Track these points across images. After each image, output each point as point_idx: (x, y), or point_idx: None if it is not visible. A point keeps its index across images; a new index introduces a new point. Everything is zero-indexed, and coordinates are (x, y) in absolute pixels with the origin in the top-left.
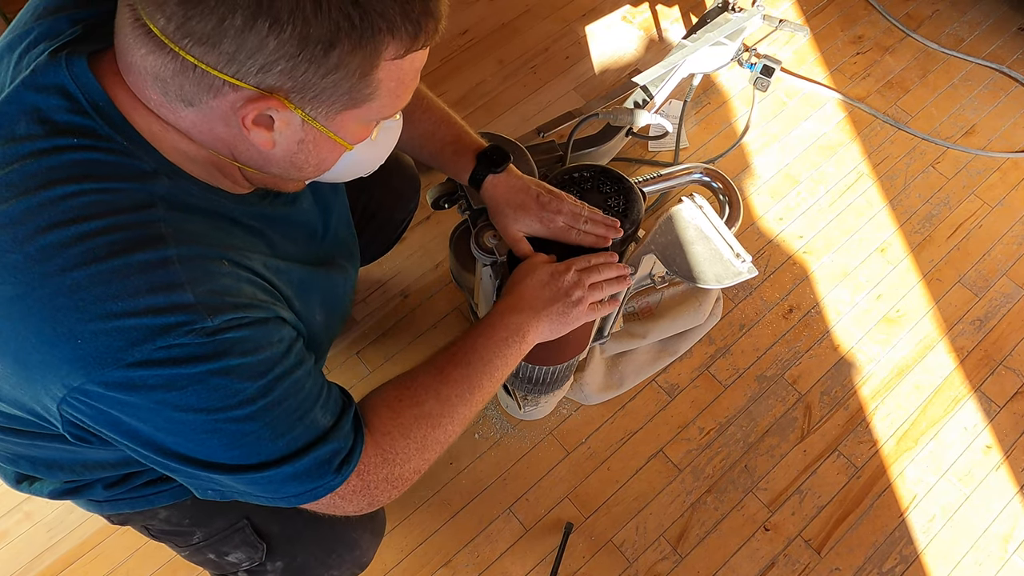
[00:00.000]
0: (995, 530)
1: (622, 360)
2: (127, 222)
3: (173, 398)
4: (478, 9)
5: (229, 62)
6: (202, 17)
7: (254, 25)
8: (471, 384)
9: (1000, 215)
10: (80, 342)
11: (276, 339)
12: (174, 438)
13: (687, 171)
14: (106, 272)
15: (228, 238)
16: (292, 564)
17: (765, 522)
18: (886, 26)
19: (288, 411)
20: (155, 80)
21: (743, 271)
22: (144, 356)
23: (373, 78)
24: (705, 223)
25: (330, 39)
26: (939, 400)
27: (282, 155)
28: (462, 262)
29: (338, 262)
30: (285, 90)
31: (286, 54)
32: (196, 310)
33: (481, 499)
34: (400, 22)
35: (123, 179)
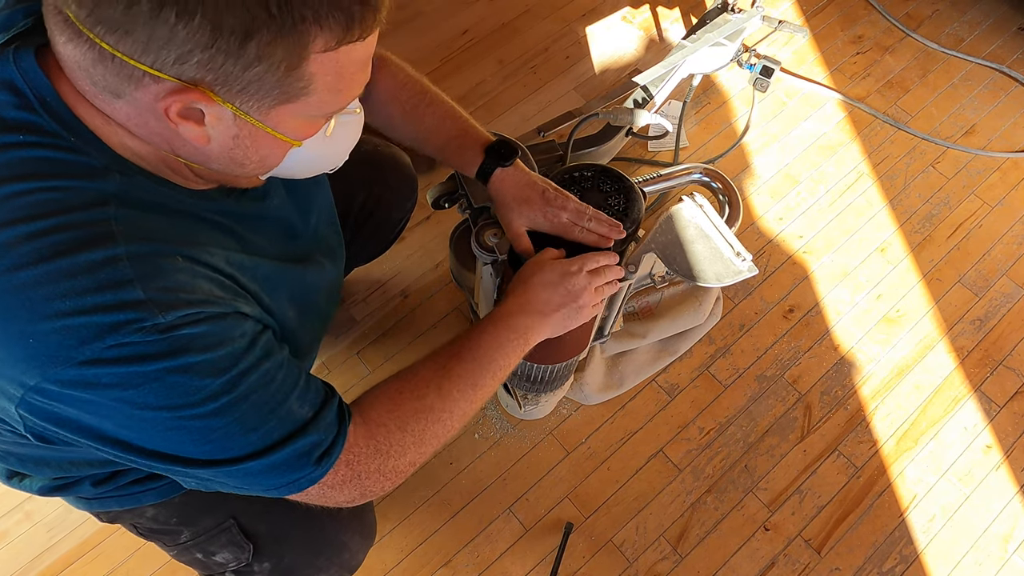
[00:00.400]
0: (995, 530)
1: (622, 360)
2: (76, 221)
3: (130, 396)
4: (478, 9)
5: (144, 51)
6: (110, 3)
7: (160, 12)
8: (473, 381)
9: (1000, 215)
10: (32, 341)
11: (237, 334)
12: (139, 435)
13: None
14: (54, 272)
15: (187, 234)
16: (279, 565)
17: (765, 522)
18: (886, 26)
19: (258, 404)
20: (79, 70)
21: (743, 269)
22: (95, 354)
23: (303, 71)
24: (705, 222)
25: (245, 29)
26: (939, 400)
27: (219, 150)
28: (462, 261)
29: (316, 258)
30: (207, 82)
31: (199, 44)
32: (146, 306)
33: (481, 499)
34: (327, 11)
35: (72, 176)
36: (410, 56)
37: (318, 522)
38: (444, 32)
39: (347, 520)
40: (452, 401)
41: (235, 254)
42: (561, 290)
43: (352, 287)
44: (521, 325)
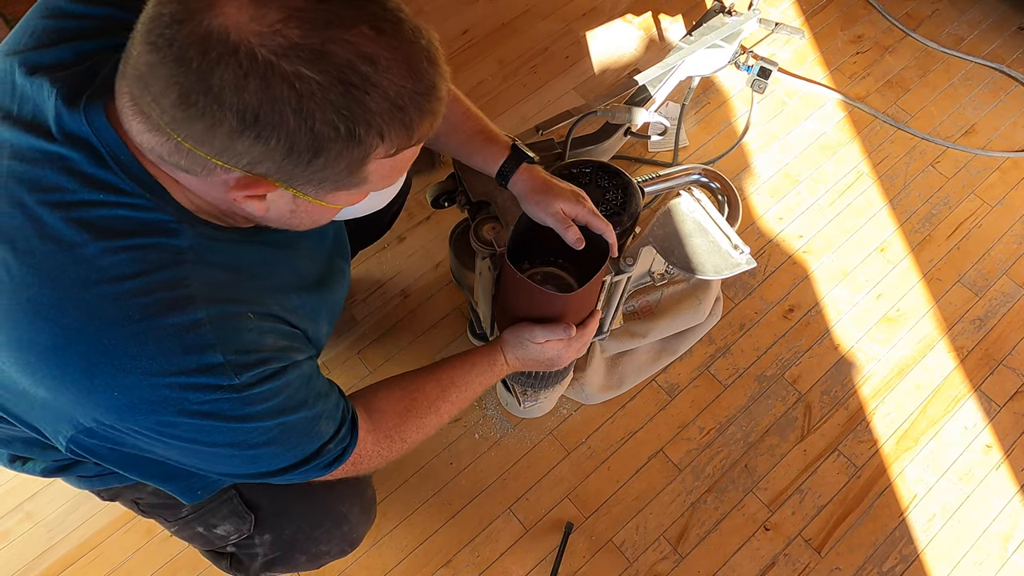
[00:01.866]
0: (995, 529)
1: (622, 360)
2: (158, 282)
3: (202, 438)
4: (478, 9)
5: (220, 154)
6: (193, 121)
7: (241, 134)
8: (460, 407)
9: (1000, 214)
10: (115, 394)
11: (294, 377)
12: (195, 461)
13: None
14: (141, 333)
15: (250, 284)
16: (280, 537)
17: (765, 522)
18: (886, 25)
19: (298, 431)
20: (151, 151)
21: (741, 262)
22: (176, 408)
23: (363, 171)
24: (703, 216)
25: (316, 147)
26: (939, 399)
27: (276, 217)
28: (462, 261)
29: (338, 265)
30: (275, 178)
31: (273, 158)
32: (224, 370)
33: (481, 499)
34: (391, 127)
35: (150, 234)
36: None
37: (318, 494)
38: (444, 32)
39: (346, 492)
40: (443, 421)
41: (286, 297)
42: (545, 363)
43: (352, 287)
44: (507, 371)
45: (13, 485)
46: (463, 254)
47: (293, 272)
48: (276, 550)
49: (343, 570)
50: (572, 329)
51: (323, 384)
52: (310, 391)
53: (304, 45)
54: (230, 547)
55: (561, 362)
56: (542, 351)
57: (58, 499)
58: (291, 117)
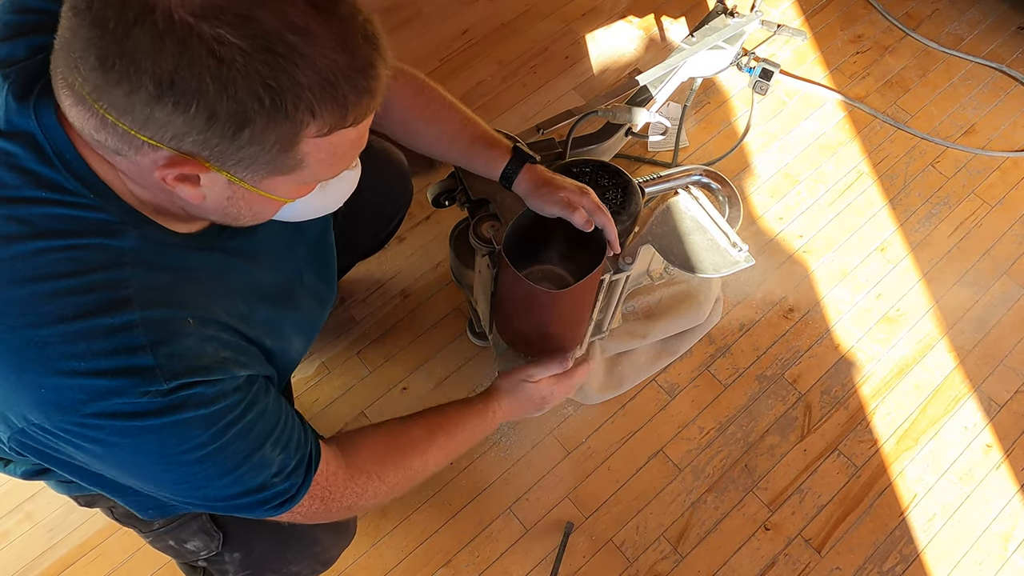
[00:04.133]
0: (995, 529)
1: (622, 360)
2: (96, 283)
3: (126, 443)
4: (478, 9)
5: (143, 127)
6: (112, 86)
7: (159, 101)
8: (450, 455)
9: (1000, 214)
10: (43, 391)
11: (231, 388)
12: (124, 471)
13: (687, 172)
14: (72, 333)
15: (194, 290)
16: (249, 556)
17: (765, 521)
18: (886, 25)
19: (237, 451)
20: (83, 128)
21: (740, 260)
22: (101, 409)
23: (296, 151)
24: (701, 214)
25: (240, 118)
26: (939, 399)
27: (214, 207)
28: (462, 259)
29: (309, 281)
30: (203, 156)
31: (195, 128)
32: (154, 374)
33: (481, 499)
34: (320, 103)
35: (91, 234)
36: (410, 56)
37: None
38: (444, 32)
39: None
40: (430, 467)
41: (236, 303)
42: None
43: (352, 287)
44: (498, 422)
45: (13, 485)
46: (463, 253)
47: (249, 281)
48: (246, 568)
49: (343, 570)
50: (568, 362)
51: (278, 410)
52: (252, 408)
53: (229, 8)
54: (201, 562)
55: (552, 400)
56: (536, 390)
57: (58, 499)
58: (210, 83)
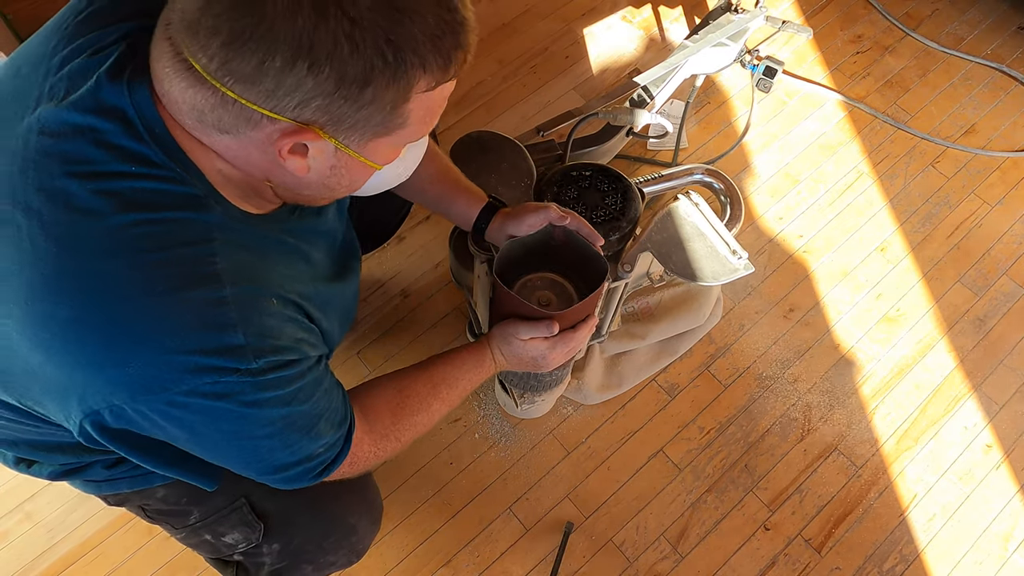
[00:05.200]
0: (995, 529)
1: (622, 360)
2: (185, 256)
3: (207, 422)
4: (478, 9)
5: (268, 98)
6: (244, 58)
7: (294, 67)
8: (451, 405)
9: (1000, 214)
10: (130, 368)
11: (305, 370)
12: (194, 446)
13: (688, 171)
14: (162, 306)
15: (272, 271)
16: (288, 547)
17: (765, 521)
18: (886, 25)
19: (300, 427)
20: (192, 110)
21: (739, 268)
22: (190, 388)
23: (405, 109)
24: (701, 220)
25: (365, 77)
26: (939, 399)
27: (316, 179)
28: (461, 261)
29: (351, 265)
30: (321, 123)
31: (323, 92)
32: (243, 353)
33: (481, 499)
34: (432, 57)
35: (179, 208)
36: None
37: (328, 504)
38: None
39: (356, 503)
40: (435, 418)
41: (304, 285)
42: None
43: None
44: (496, 369)
45: (13, 485)
46: (463, 254)
47: (309, 263)
48: (283, 559)
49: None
50: (554, 327)
51: (331, 384)
52: (319, 388)
53: None
54: (236, 556)
55: (547, 363)
56: (525, 349)
57: (58, 499)
58: (344, 43)
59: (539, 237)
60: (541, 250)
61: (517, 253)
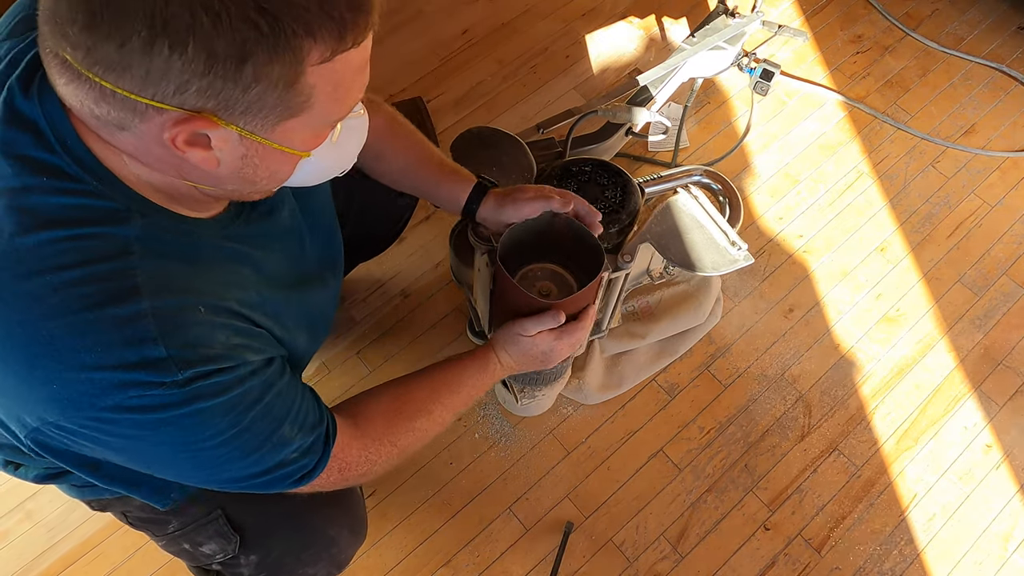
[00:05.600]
0: (995, 529)
1: (622, 360)
2: (102, 272)
3: (145, 435)
4: (478, 9)
5: (143, 85)
6: (104, 42)
7: (153, 46)
8: (455, 410)
9: (1000, 214)
10: (55, 386)
11: (246, 374)
12: (143, 462)
13: (688, 172)
14: (80, 324)
15: (205, 278)
16: (267, 559)
17: (765, 521)
18: (886, 25)
19: (256, 433)
20: (83, 108)
21: (739, 258)
22: (116, 403)
23: (302, 85)
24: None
25: (239, 52)
26: (939, 399)
27: (229, 172)
28: (462, 259)
29: (321, 274)
30: (210, 108)
31: (195, 72)
32: (166, 365)
33: (481, 499)
34: (319, 22)
35: (95, 223)
36: (410, 56)
37: (306, 516)
38: (444, 32)
39: (336, 515)
40: (437, 425)
41: (246, 292)
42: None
43: (352, 287)
44: (502, 373)
45: (13, 485)
46: (463, 252)
47: (258, 270)
48: (262, 571)
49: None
50: (561, 316)
51: (289, 388)
52: (269, 390)
53: None
54: (216, 565)
55: (555, 356)
56: (534, 344)
57: (58, 499)
58: (203, 15)
59: (540, 224)
60: (540, 238)
61: (518, 239)
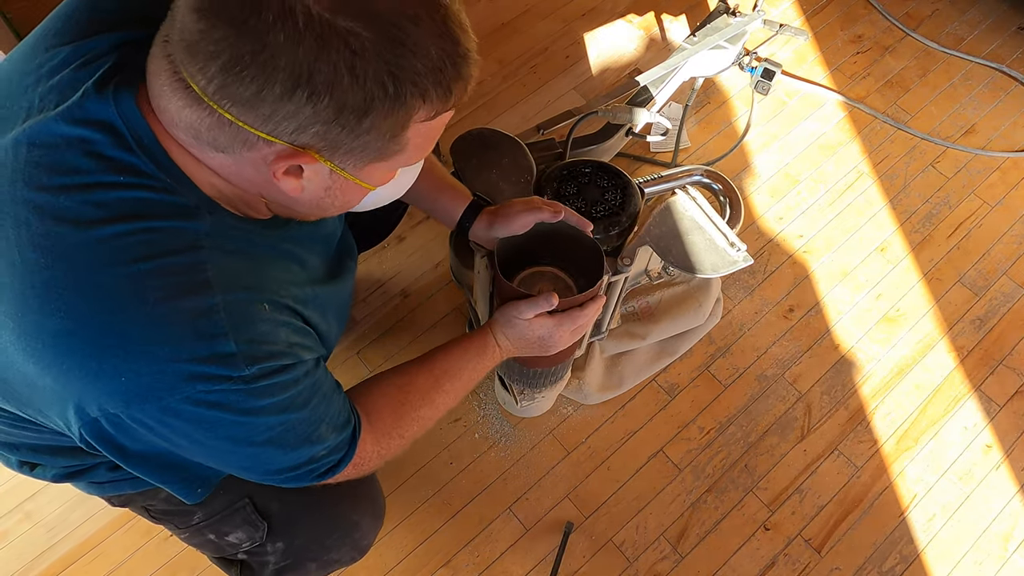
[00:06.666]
0: (995, 529)
1: (621, 360)
2: (175, 265)
3: (203, 430)
4: (478, 9)
5: (265, 122)
6: (242, 84)
7: (293, 95)
8: (457, 396)
9: (1000, 214)
10: (124, 379)
11: (301, 375)
12: (192, 451)
13: (688, 172)
14: (153, 317)
15: (266, 275)
16: (292, 546)
17: (765, 521)
18: (886, 25)
19: (299, 432)
20: (188, 128)
21: (738, 259)
22: (184, 396)
23: (403, 137)
24: (699, 214)
25: (365, 107)
26: (939, 399)
27: (309, 199)
28: (462, 259)
29: (346, 265)
30: (318, 148)
31: (322, 120)
32: (236, 361)
33: (481, 499)
34: (432, 89)
35: (168, 217)
36: None
37: (331, 502)
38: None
39: (359, 499)
40: (440, 412)
41: (300, 288)
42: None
43: None
44: (501, 356)
45: (13, 485)
46: (463, 253)
47: (305, 266)
48: (287, 558)
49: (343, 570)
50: (553, 298)
51: (330, 388)
52: (316, 392)
53: (353, 3)
54: (240, 555)
55: (554, 343)
56: (531, 328)
57: (58, 499)
58: (345, 74)
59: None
60: (540, 242)
61: (518, 242)
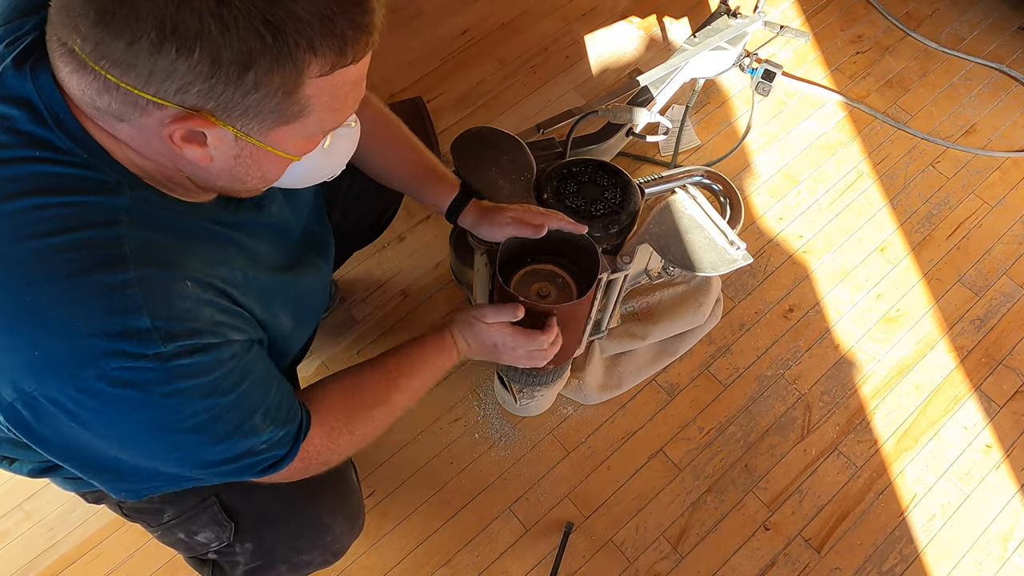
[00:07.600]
0: (995, 529)
1: (621, 360)
2: (90, 239)
3: (121, 413)
4: (478, 9)
5: (147, 82)
6: (113, 39)
7: (161, 48)
8: (414, 395)
9: (1000, 214)
10: (37, 353)
11: (227, 356)
12: (114, 442)
13: (688, 173)
14: (65, 291)
15: (191, 253)
16: (261, 546)
17: (765, 521)
18: (886, 25)
19: (229, 421)
20: (84, 96)
21: (738, 258)
22: (98, 372)
23: (300, 95)
24: (699, 212)
25: (243, 60)
26: (939, 399)
27: (221, 169)
28: (462, 258)
29: (310, 260)
30: (209, 108)
31: (199, 75)
32: (151, 336)
33: (481, 499)
34: (321, 39)
35: (86, 192)
36: (410, 56)
37: (301, 504)
38: (444, 32)
39: (331, 503)
40: (396, 411)
41: (233, 271)
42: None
43: (352, 287)
44: (459, 356)
45: (13, 485)
46: (463, 252)
47: (246, 252)
48: (257, 559)
49: (343, 570)
50: (519, 311)
51: (266, 377)
52: (246, 377)
53: None
54: (211, 554)
55: (506, 354)
56: (488, 333)
57: (57, 499)
58: (212, 23)
59: None
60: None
61: (519, 241)
